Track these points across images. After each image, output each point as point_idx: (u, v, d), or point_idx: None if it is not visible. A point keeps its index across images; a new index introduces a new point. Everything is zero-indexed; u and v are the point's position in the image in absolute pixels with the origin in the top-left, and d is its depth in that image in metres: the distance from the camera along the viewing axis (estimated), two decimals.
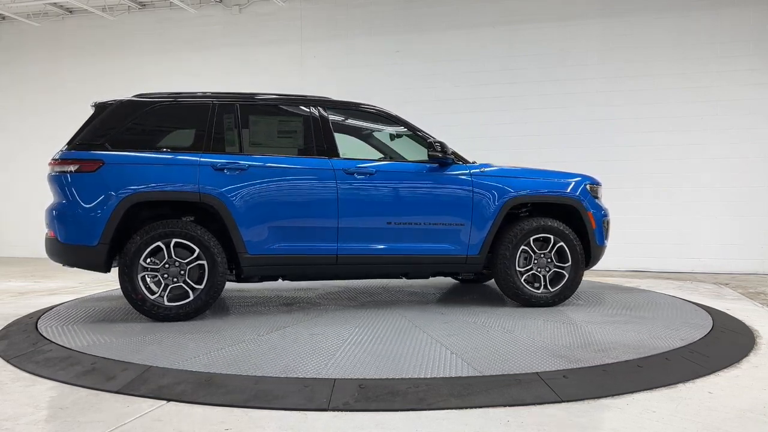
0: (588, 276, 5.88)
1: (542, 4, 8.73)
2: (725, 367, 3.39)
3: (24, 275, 8.08)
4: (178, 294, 4.39)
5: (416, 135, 4.95)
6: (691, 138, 8.24)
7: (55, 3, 10.25)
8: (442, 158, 4.73)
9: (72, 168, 4.38)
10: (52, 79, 10.84)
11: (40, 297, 6.05)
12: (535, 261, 4.85)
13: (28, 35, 10.91)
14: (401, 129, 5.05)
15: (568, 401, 2.81)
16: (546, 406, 2.77)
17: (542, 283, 4.86)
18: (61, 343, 3.78)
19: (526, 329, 4.09)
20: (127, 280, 4.30)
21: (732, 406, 2.79)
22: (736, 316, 4.82)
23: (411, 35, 9.23)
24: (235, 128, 4.65)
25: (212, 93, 4.77)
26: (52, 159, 4.53)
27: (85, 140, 4.48)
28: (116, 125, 4.51)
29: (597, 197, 5.10)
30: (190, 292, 4.38)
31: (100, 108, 4.63)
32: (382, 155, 5.21)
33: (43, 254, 4.63)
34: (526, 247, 4.82)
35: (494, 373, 3.09)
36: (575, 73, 8.60)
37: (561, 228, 4.83)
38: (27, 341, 3.96)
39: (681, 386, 3.05)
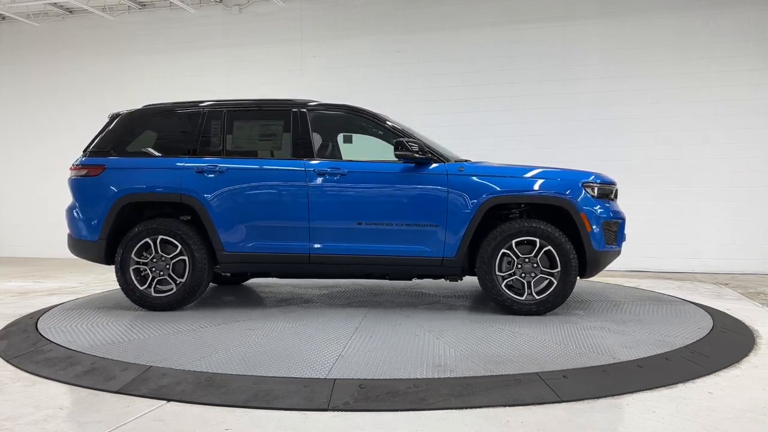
0: None
1: (542, 4, 8.72)
2: (725, 367, 3.39)
3: (24, 275, 8.08)
4: (165, 285, 4.84)
5: (389, 134, 4.83)
6: (691, 138, 8.23)
7: (55, 3, 10.25)
8: (419, 158, 4.58)
9: (82, 173, 4.98)
10: (52, 79, 10.83)
11: (40, 297, 6.05)
12: (519, 266, 4.53)
13: (28, 35, 10.91)
14: (376, 128, 4.95)
15: (568, 401, 2.81)
16: (546, 406, 2.77)
17: (526, 290, 4.53)
18: (61, 343, 3.79)
19: (461, 335, 3.91)
20: (120, 273, 4.81)
21: (732, 406, 2.79)
22: (736, 316, 4.81)
23: (411, 35, 9.22)
24: (221, 133, 4.98)
25: (204, 101, 5.16)
26: (72, 165, 5.08)
27: (96, 147, 5.06)
28: (122, 133, 5.07)
29: (601, 197, 4.63)
30: (174, 284, 4.80)
31: (113, 118, 5.19)
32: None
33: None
34: (508, 251, 4.53)
35: (494, 374, 3.10)
36: (575, 73, 8.59)
37: (548, 230, 4.48)
38: (27, 341, 3.97)
39: (681, 386, 3.06)
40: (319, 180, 4.69)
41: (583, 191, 4.55)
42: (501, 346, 3.64)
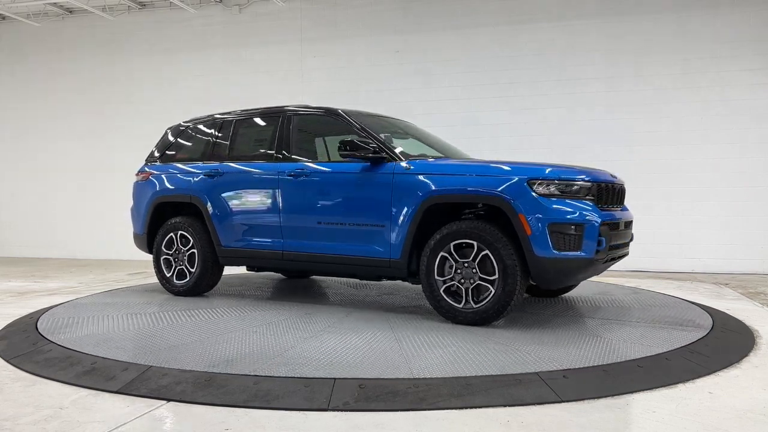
0: None
1: (542, 4, 8.72)
2: (725, 367, 3.39)
3: (24, 275, 8.08)
4: (183, 275, 5.57)
5: (359, 133, 4.70)
6: (691, 138, 8.24)
7: (55, 3, 10.25)
8: (358, 156, 4.47)
9: (138, 178, 5.99)
10: (52, 79, 10.84)
11: (40, 297, 6.05)
12: (459, 271, 4.17)
13: (28, 35, 10.91)
14: (350, 128, 4.83)
15: (568, 401, 2.81)
16: (546, 406, 2.76)
17: (464, 297, 4.16)
18: (61, 343, 3.79)
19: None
20: (155, 261, 5.70)
21: (732, 406, 2.79)
22: (736, 316, 4.82)
23: (411, 35, 9.23)
24: (227, 140, 5.55)
25: (223, 112, 5.78)
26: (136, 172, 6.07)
27: (150, 156, 6.06)
28: (168, 144, 6.02)
29: (561, 195, 3.97)
30: (188, 273, 5.53)
31: (166, 130, 6.13)
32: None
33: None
34: (446, 254, 4.20)
35: (494, 373, 3.10)
36: (575, 74, 8.59)
37: (483, 233, 4.06)
38: (27, 341, 3.96)
39: (681, 386, 3.05)
40: (288, 180, 4.94)
41: (527, 189, 3.96)
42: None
